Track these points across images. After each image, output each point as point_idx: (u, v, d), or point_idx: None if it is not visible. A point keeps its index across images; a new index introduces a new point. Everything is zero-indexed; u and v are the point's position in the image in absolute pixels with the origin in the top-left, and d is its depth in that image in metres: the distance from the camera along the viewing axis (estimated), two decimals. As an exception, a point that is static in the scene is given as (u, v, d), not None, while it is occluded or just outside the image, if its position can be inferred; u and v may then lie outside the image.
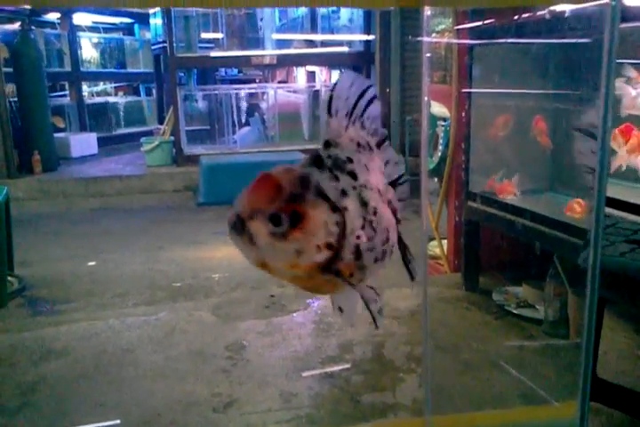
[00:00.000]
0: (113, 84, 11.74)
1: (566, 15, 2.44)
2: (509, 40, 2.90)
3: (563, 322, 2.88)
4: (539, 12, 2.65)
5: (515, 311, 3.12)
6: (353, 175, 0.72)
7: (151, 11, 9.19)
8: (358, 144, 0.75)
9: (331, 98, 0.73)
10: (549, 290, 2.93)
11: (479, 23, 3.14)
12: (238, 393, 2.38)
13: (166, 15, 7.63)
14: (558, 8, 2.39)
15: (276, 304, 3.35)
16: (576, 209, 2.69)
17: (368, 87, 0.76)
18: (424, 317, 1.57)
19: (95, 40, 10.70)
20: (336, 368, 2.54)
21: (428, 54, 1.74)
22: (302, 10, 8.85)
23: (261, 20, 9.29)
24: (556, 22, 2.53)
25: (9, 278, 3.80)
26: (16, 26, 7.87)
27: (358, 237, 0.71)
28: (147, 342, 2.88)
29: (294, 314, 3.19)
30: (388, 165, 0.83)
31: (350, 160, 0.72)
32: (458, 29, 3.53)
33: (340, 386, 2.39)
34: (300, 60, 8.47)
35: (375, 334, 2.84)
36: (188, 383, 2.48)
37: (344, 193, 0.69)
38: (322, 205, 0.66)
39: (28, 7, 8.19)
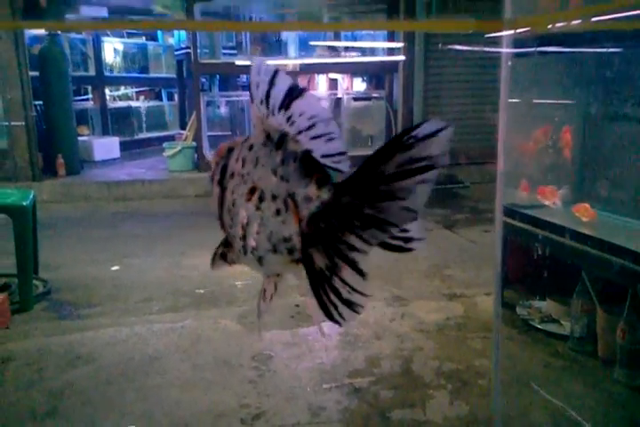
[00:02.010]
0: (134, 89, 11.81)
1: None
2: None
3: (590, 339, 2.84)
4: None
5: (539, 326, 3.09)
6: (243, 162, 0.77)
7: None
8: (267, 136, 0.74)
9: (249, 84, 0.75)
10: (577, 306, 2.89)
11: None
12: (266, 405, 2.37)
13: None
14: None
15: (301, 314, 3.33)
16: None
17: (276, 73, 0.71)
18: (494, 352, 1.54)
19: (119, 45, 10.79)
20: (364, 382, 2.52)
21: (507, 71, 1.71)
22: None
23: (285, 27, 9.31)
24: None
25: (34, 282, 3.83)
26: (43, 30, 7.95)
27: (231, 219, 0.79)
28: (173, 350, 2.88)
29: (320, 325, 3.17)
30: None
31: (250, 148, 0.76)
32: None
33: (369, 401, 2.36)
34: (323, 68, 8.48)
35: (403, 348, 2.82)
36: (215, 393, 2.47)
37: (232, 175, 0.79)
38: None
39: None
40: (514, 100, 2.99)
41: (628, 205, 2.85)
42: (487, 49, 6.81)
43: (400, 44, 7.79)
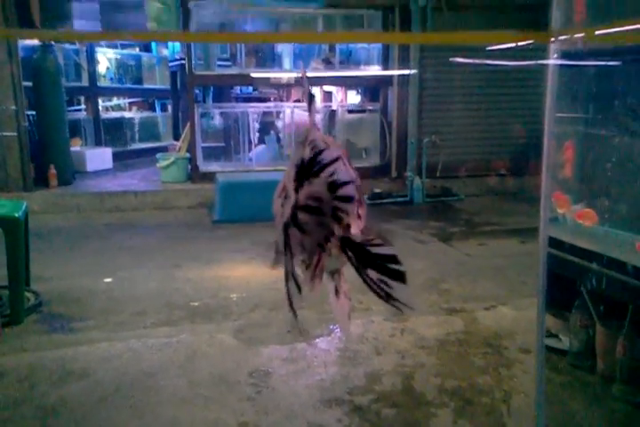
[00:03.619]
0: (127, 100, 11.77)
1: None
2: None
3: (589, 354, 2.81)
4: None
5: (540, 341, 3.05)
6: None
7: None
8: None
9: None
10: (575, 321, 2.86)
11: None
12: (265, 423, 2.31)
13: (186, 33, 7.67)
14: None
15: (299, 329, 3.28)
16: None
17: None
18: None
19: (112, 56, 10.76)
20: (365, 400, 2.47)
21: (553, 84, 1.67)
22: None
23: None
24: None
25: (26, 294, 3.75)
26: (36, 40, 7.91)
27: None
28: (168, 366, 2.82)
29: (318, 340, 3.12)
30: None
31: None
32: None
33: (371, 420, 2.31)
34: (318, 81, 8.48)
35: (404, 365, 2.77)
36: (212, 411, 2.41)
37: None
38: None
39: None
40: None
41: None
42: (482, 62, 6.84)
43: (393, 58, 7.81)
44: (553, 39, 1.30)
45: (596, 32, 1.59)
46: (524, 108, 7.47)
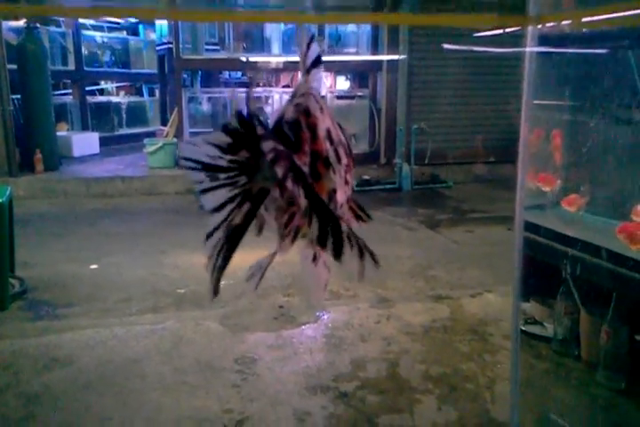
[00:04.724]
0: (114, 84, 11.64)
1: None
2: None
3: (573, 341, 2.83)
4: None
5: (522, 328, 3.07)
6: None
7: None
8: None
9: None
10: (560, 308, 2.87)
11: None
12: (250, 410, 2.31)
13: (174, 16, 7.56)
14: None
15: (285, 316, 3.28)
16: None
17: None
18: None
19: (99, 39, 10.61)
20: (350, 386, 2.47)
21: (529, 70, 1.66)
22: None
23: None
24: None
25: (11, 280, 3.72)
26: (21, 23, 7.78)
27: None
28: (154, 353, 2.81)
29: (304, 327, 3.12)
30: None
31: None
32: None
33: (356, 406, 2.32)
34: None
35: (389, 351, 2.78)
36: (197, 398, 2.40)
37: None
38: None
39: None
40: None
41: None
42: (472, 48, 6.81)
43: (383, 43, 7.76)
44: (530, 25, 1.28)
45: (582, 19, 1.58)
46: (513, 96, 7.43)
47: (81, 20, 9.97)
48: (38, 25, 7.79)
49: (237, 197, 0.74)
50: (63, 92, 10.04)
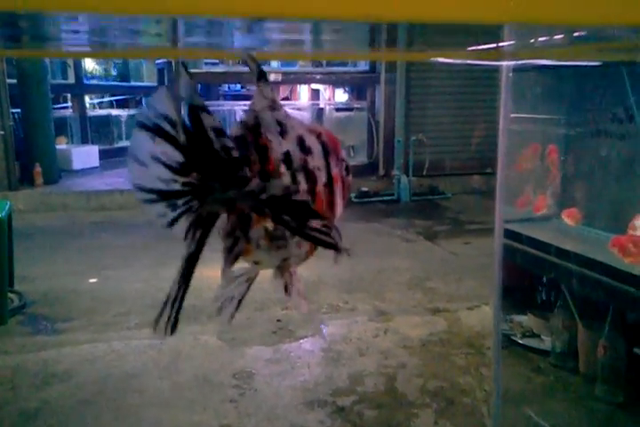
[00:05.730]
0: (115, 98, 11.70)
1: None
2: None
3: (571, 354, 2.84)
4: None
5: (520, 341, 3.08)
6: None
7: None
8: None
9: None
10: (557, 322, 2.89)
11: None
12: (247, 425, 2.31)
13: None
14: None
15: (283, 329, 3.29)
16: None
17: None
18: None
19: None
20: (348, 401, 2.48)
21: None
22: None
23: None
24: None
25: (9, 295, 3.73)
26: (22, 37, 7.84)
27: None
28: (152, 368, 2.82)
29: (302, 341, 3.13)
30: None
31: None
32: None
33: (353, 421, 2.32)
34: (306, 79, 8.48)
35: (386, 365, 2.79)
36: (195, 413, 2.41)
37: None
38: None
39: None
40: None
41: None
42: (469, 62, 6.86)
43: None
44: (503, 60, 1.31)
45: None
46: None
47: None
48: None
49: (193, 224, 0.69)
50: (63, 105, 10.10)
